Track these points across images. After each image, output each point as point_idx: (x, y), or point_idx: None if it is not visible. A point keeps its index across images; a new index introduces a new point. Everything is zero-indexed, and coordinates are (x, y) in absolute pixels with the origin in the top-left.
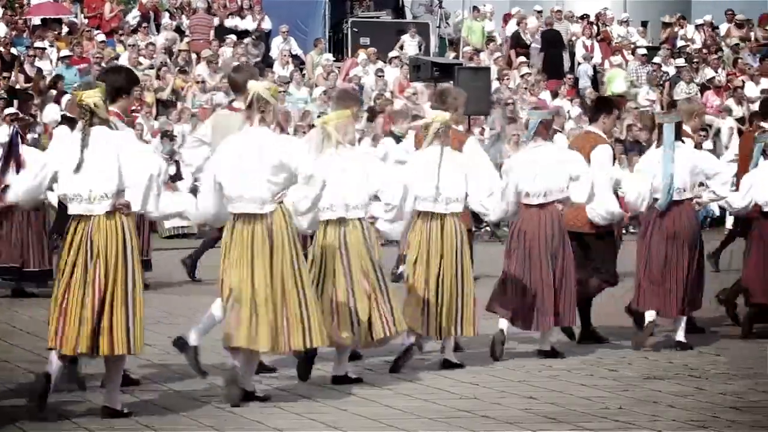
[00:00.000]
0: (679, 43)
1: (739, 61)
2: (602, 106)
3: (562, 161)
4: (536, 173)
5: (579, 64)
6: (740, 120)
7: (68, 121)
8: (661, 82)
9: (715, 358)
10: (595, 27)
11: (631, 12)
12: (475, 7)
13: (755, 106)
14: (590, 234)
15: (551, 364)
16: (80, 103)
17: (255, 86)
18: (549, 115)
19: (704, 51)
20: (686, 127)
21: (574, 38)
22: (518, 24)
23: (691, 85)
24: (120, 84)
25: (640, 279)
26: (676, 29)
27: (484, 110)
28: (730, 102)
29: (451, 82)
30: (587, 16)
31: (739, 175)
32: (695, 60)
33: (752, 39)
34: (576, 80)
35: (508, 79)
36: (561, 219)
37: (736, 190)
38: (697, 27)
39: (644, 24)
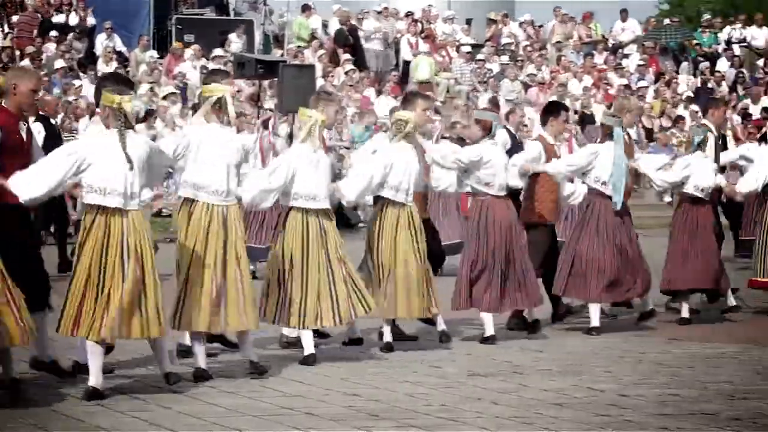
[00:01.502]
0: (504, 40)
1: (563, 58)
2: (551, 109)
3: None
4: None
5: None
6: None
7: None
8: (485, 80)
9: (538, 354)
10: (419, 24)
11: (455, 9)
12: (305, 6)
13: (578, 104)
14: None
15: (375, 362)
16: (120, 108)
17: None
18: (496, 117)
19: (528, 49)
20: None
21: (399, 35)
22: (343, 23)
23: (515, 82)
24: None
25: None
26: (500, 27)
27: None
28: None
29: (276, 79)
30: (411, 13)
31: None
32: (519, 57)
33: (576, 37)
34: (401, 77)
35: (332, 76)
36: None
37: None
38: (521, 24)
39: (469, 21)
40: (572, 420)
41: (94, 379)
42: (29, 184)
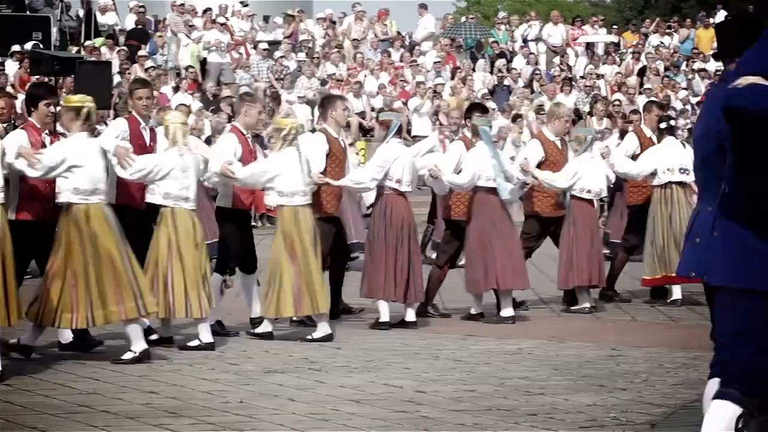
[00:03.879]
0: (301, 37)
1: (359, 56)
2: (468, 112)
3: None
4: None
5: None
6: (361, 114)
7: None
8: (282, 77)
9: (336, 351)
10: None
11: (253, 6)
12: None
13: (376, 101)
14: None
15: (172, 359)
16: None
17: None
18: (399, 117)
19: (326, 47)
20: (549, 128)
21: (197, 32)
22: (140, 20)
23: (312, 79)
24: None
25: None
26: (297, 24)
27: (105, 104)
28: (350, 97)
29: (73, 76)
30: (209, 10)
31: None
32: (316, 55)
33: (372, 34)
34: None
35: (129, 73)
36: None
37: None
38: (318, 21)
39: (266, 18)
40: (369, 416)
41: None
42: None
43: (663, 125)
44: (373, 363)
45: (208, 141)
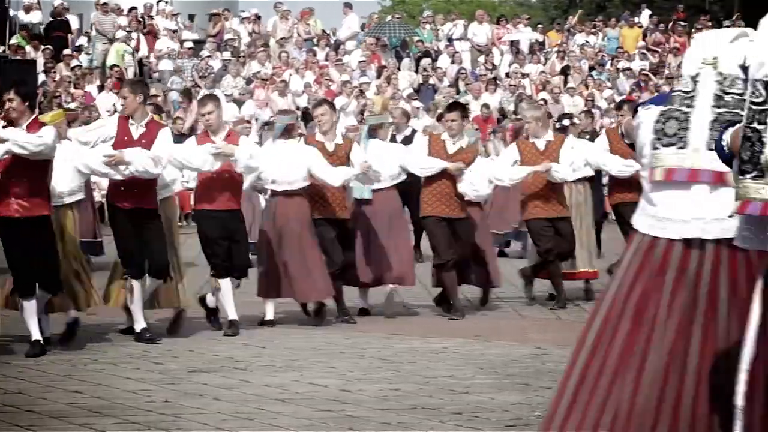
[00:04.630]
0: (227, 36)
1: (284, 54)
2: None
3: (301, 155)
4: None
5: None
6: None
7: None
8: (206, 74)
9: (261, 350)
10: (142, 20)
11: (177, 5)
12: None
13: (301, 101)
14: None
15: (97, 358)
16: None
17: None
18: (291, 119)
19: (251, 46)
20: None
21: (122, 31)
22: (56, 15)
23: (237, 78)
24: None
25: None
26: (223, 22)
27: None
28: (275, 96)
29: None
30: (135, 8)
31: None
32: (242, 54)
33: (297, 33)
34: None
35: (54, 72)
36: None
37: None
38: (243, 21)
39: (191, 17)
40: (294, 415)
41: None
42: None
43: (557, 125)
44: (298, 362)
45: None
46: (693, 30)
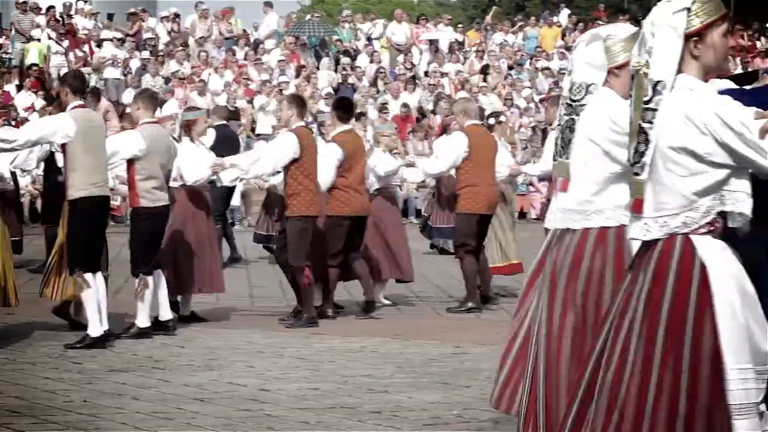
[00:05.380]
0: (145, 35)
1: (203, 54)
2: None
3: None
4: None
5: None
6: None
7: None
8: (125, 74)
9: (180, 349)
10: (61, 19)
11: (97, 5)
12: None
13: (220, 99)
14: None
15: (15, 358)
16: None
17: None
18: (193, 116)
19: (170, 45)
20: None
21: (40, 30)
22: None
23: (156, 78)
24: None
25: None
26: (142, 22)
27: None
28: (194, 95)
29: None
30: (53, 8)
31: None
32: (161, 53)
33: (216, 32)
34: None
35: None
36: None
37: None
38: (162, 20)
39: (111, 17)
40: (213, 415)
41: None
42: None
43: (485, 123)
44: (217, 362)
45: None
46: None
